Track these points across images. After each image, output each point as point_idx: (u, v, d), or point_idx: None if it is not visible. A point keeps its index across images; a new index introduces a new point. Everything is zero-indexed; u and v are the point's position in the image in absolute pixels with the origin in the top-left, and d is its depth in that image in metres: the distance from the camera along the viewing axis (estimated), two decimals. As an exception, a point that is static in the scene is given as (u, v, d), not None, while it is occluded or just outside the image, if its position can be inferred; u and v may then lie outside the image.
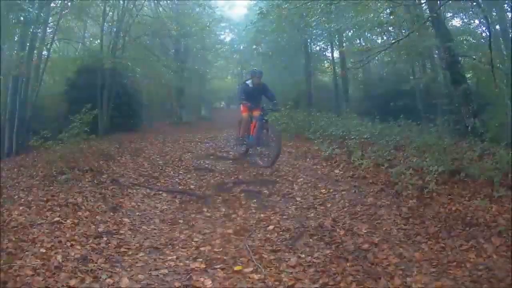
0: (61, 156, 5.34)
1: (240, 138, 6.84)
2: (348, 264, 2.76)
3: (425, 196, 3.73)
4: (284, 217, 3.87)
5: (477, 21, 10.60)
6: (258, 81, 6.45)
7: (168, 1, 14.29)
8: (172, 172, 6.10)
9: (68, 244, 3.07)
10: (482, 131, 5.94)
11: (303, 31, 13.05)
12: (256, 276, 2.62)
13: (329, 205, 4.09)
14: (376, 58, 9.95)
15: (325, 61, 17.97)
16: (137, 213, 4.13)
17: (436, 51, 9.86)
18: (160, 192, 4.93)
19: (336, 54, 16.27)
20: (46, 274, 2.53)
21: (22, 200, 4.17)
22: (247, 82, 6.62)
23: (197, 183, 5.41)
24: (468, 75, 8.94)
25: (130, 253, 3.06)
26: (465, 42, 10.26)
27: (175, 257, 2.98)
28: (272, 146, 6.03)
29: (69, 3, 10.69)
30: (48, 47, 10.90)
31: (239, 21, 20.69)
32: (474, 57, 8.51)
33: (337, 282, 2.51)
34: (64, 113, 9.72)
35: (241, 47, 22.48)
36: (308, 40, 15.52)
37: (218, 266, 2.78)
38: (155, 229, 3.69)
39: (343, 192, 4.41)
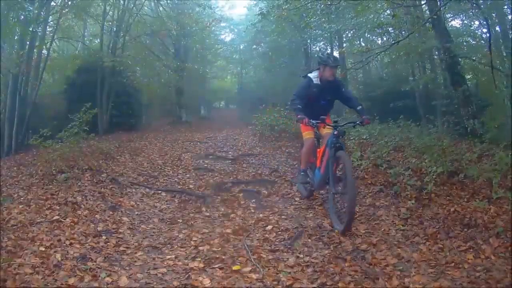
0: (61, 155, 5.34)
1: (302, 172, 4.26)
2: (346, 264, 2.76)
3: (423, 197, 3.73)
4: (282, 217, 3.87)
5: (477, 22, 10.62)
6: (331, 74, 3.93)
7: (168, 1, 14.33)
8: (171, 172, 6.11)
9: (67, 242, 3.08)
10: (482, 132, 5.95)
11: (303, 31, 13.05)
12: (254, 276, 2.62)
13: (327, 206, 4.09)
14: (376, 59, 9.97)
15: (325, 62, 17.98)
16: (136, 212, 4.14)
17: (436, 52, 9.86)
18: (159, 192, 4.94)
19: (336, 54, 16.27)
20: (45, 272, 2.54)
21: (22, 198, 4.19)
22: (310, 75, 4.08)
23: (196, 182, 5.42)
24: (468, 76, 8.94)
25: (129, 252, 3.06)
26: (465, 43, 10.26)
27: (173, 256, 2.98)
28: (343, 192, 3.53)
29: (69, 2, 10.69)
30: (48, 46, 10.90)
31: (239, 21, 20.74)
32: (474, 58, 8.52)
33: (335, 282, 2.51)
34: (63, 112, 9.73)
35: (241, 47, 22.55)
36: (308, 41, 15.53)
37: (217, 266, 2.79)
38: (154, 228, 3.69)
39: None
